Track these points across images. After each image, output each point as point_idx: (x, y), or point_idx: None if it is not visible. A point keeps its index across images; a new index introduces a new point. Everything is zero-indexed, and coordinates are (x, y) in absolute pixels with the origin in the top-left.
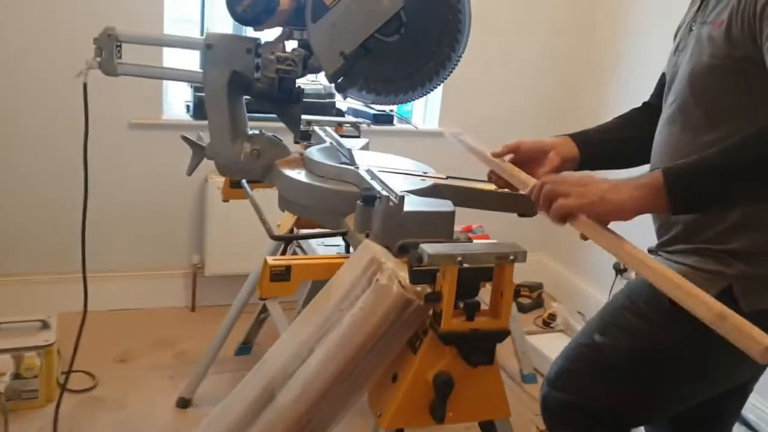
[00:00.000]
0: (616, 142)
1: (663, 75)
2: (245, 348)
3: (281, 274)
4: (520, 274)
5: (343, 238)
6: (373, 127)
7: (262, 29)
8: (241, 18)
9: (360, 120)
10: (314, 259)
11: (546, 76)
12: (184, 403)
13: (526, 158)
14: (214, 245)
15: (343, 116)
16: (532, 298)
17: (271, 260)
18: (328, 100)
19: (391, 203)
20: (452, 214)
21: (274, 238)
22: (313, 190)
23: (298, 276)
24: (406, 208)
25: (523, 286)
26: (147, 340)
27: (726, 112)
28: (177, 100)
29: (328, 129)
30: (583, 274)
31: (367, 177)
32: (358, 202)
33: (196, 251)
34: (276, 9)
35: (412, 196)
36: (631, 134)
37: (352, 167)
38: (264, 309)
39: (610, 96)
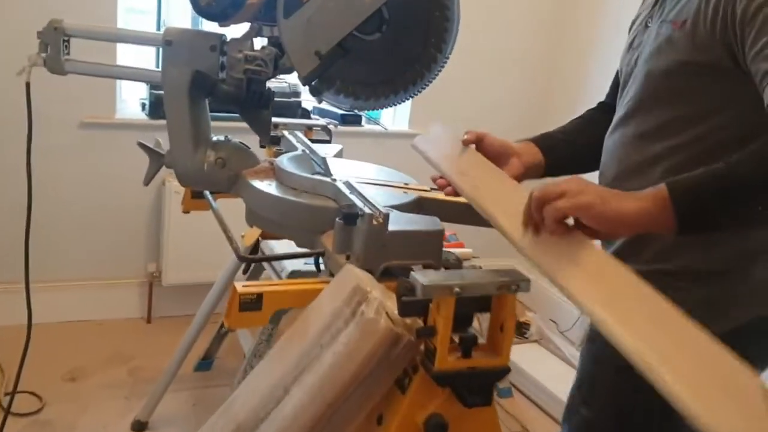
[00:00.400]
0: (580, 145)
1: (617, 73)
2: (206, 363)
3: (251, 303)
4: None
5: (317, 259)
6: (340, 128)
7: (227, 25)
8: (205, 12)
9: (328, 121)
10: (289, 284)
11: (522, 75)
12: (139, 426)
13: (488, 155)
14: (172, 253)
15: (309, 117)
16: None
17: (240, 287)
18: (293, 99)
19: (374, 222)
20: (441, 233)
21: (242, 259)
22: (286, 204)
23: (271, 305)
24: (391, 227)
25: None
26: (99, 355)
27: (683, 120)
28: (132, 97)
29: (299, 134)
30: None
31: (346, 190)
32: (338, 219)
33: (152, 259)
34: (244, 2)
35: (396, 212)
36: (594, 136)
37: (328, 179)
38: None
39: (588, 95)
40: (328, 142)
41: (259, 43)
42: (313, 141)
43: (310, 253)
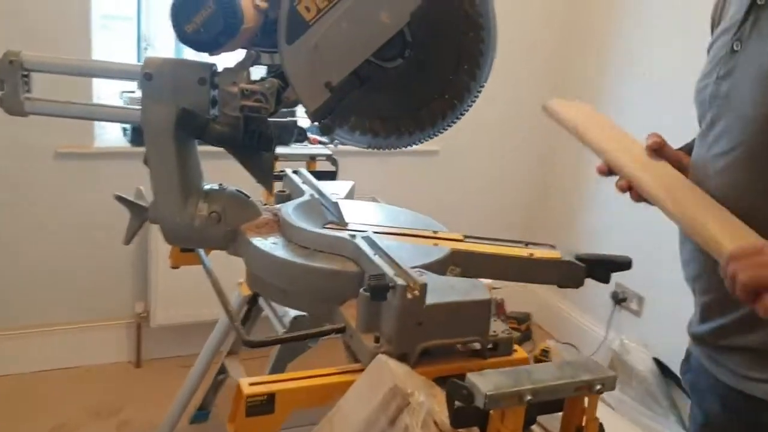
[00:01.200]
0: None
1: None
2: (202, 414)
3: (261, 406)
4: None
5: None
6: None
7: (219, 53)
8: (192, 41)
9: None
10: (308, 378)
11: (531, 78)
12: None
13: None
14: (160, 291)
15: (307, 138)
16: (520, 330)
17: (247, 386)
18: (289, 119)
19: (409, 295)
20: (488, 303)
21: (249, 344)
22: (296, 269)
23: (285, 406)
24: (430, 299)
25: (509, 318)
26: (85, 406)
27: None
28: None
29: (304, 172)
30: (576, 302)
31: (368, 249)
32: (363, 292)
33: (139, 298)
34: (239, 27)
35: (432, 276)
36: None
37: (346, 235)
38: (223, 369)
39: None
40: (335, 174)
41: (257, 72)
42: (317, 174)
43: (328, 330)
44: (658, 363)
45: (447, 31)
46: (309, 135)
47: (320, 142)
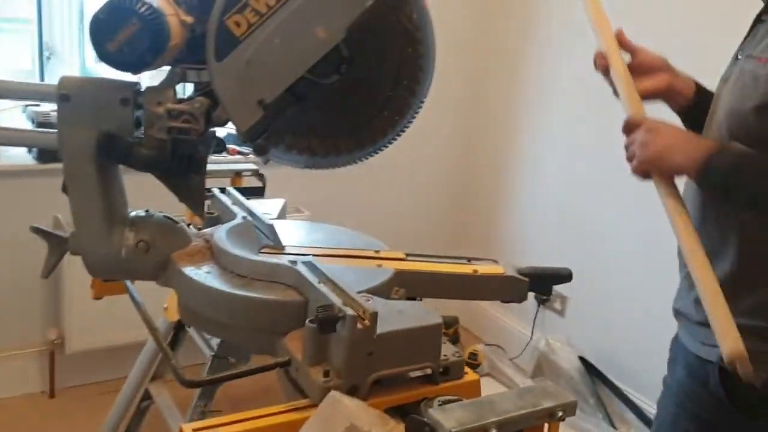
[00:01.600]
0: None
1: None
2: None
3: None
4: None
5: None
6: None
7: (143, 72)
8: (114, 60)
9: (248, 159)
10: (254, 419)
11: (450, 71)
12: None
13: (642, 67)
14: (75, 315)
15: (226, 149)
16: (448, 335)
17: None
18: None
19: (360, 326)
20: (439, 327)
21: (188, 384)
22: (233, 300)
23: None
24: (380, 328)
25: None
26: None
27: None
28: None
29: (233, 192)
30: (501, 304)
31: (312, 277)
32: (310, 323)
33: (52, 324)
34: (166, 45)
35: (380, 303)
36: None
37: (286, 262)
38: (147, 395)
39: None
40: (263, 190)
41: (184, 90)
42: (244, 191)
43: (271, 366)
44: (584, 361)
45: (385, 46)
46: (228, 146)
47: (239, 153)
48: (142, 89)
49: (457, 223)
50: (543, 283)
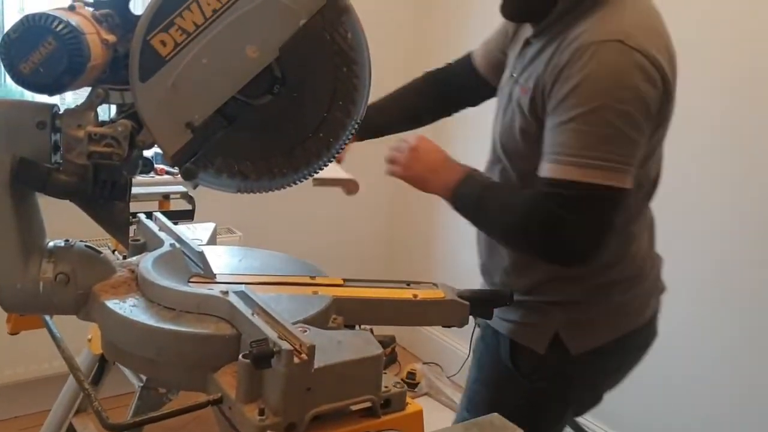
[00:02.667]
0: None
1: (468, 55)
2: None
3: None
4: None
5: (216, 408)
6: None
7: (60, 93)
8: (29, 83)
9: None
10: None
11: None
12: None
13: None
14: None
15: (153, 169)
16: (386, 354)
17: None
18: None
19: (296, 360)
20: (380, 358)
21: (110, 428)
22: (161, 336)
23: None
24: (318, 362)
25: None
26: None
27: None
28: None
29: (161, 217)
30: None
31: (244, 308)
32: (243, 359)
33: None
34: (86, 65)
35: (317, 333)
36: (412, 104)
37: (217, 293)
38: (71, 429)
39: None
40: (192, 213)
41: (109, 111)
42: (173, 215)
43: (203, 404)
44: None
45: (319, 66)
46: (155, 165)
47: (168, 173)
48: (61, 111)
49: (394, 243)
50: (484, 307)
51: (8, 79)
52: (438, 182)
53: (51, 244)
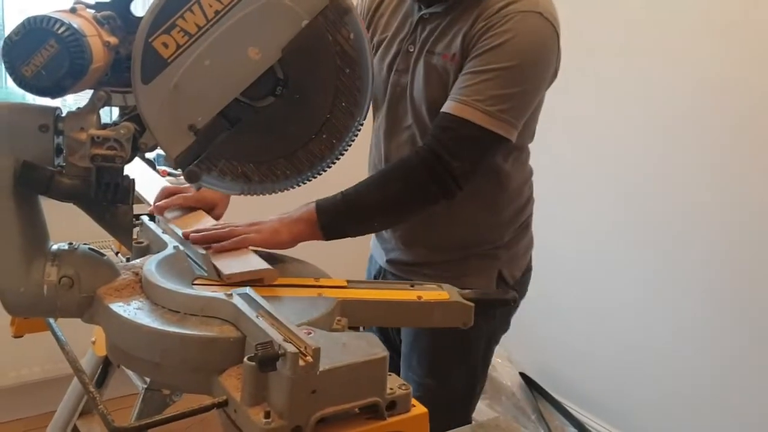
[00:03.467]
0: None
1: None
2: None
3: None
4: None
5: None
6: None
7: (62, 96)
8: (31, 86)
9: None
10: None
11: None
12: None
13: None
14: None
15: (156, 170)
16: None
17: None
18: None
19: (302, 363)
20: (385, 360)
21: (116, 431)
22: (166, 339)
23: None
24: (324, 364)
25: None
26: None
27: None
28: None
29: (164, 219)
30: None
31: (249, 311)
32: (248, 361)
33: None
34: (88, 68)
35: (322, 335)
36: None
37: (222, 296)
38: (76, 431)
39: None
40: None
41: (108, 114)
42: None
43: (208, 407)
44: (525, 378)
45: (322, 68)
46: (157, 167)
47: (170, 174)
48: (63, 114)
49: None
50: (488, 308)
51: (9, 82)
52: (293, 225)
53: (54, 247)
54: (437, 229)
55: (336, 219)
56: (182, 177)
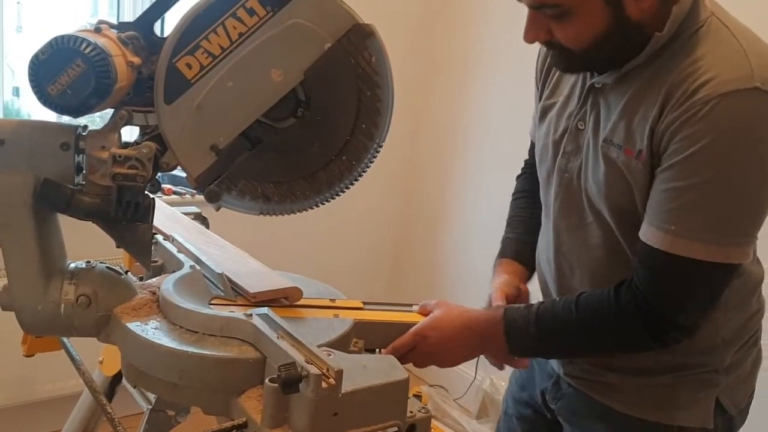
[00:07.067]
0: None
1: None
2: None
3: None
4: None
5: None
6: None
7: (86, 114)
8: (57, 105)
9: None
10: None
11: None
12: None
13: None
14: None
15: (161, 189)
16: None
17: None
18: None
19: (324, 385)
20: (406, 383)
21: None
22: (185, 359)
23: None
24: (346, 386)
25: None
26: None
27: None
28: None
29: (178, 237)
30: None
31: (269, 331)
32: (270, 383)
33: None
34: (113, 88)
35: (342, 357)
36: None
37: (242, 316)
38: None
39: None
40: None
41: (129, 133)
42: None
43: (226, 429)
44: None
45: (343, 90)
46: (163, 186)
47: (175, 193)
48: (84, 133)
49: (399, 262)
50: None
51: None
52: (480, 344)
53: (72, 265)
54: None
55: (525, 343)
56: (188, 196)
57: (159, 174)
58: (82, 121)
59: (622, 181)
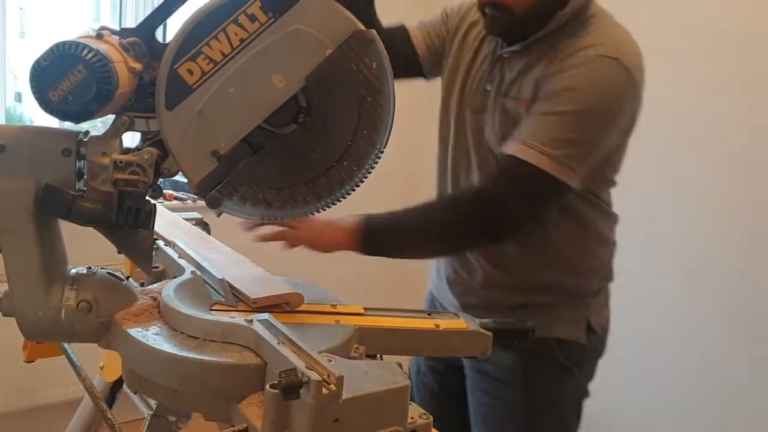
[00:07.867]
0: None
1: (403, 28)
2: None
3: None
4: None
5: None
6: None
7: (87, 121)
8: (58, 111)
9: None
10: None
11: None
12: None
13: None
14: None
15: (162, 194)
16: None
17: None
18: None
19: (325, 391)
20: (407, 389)
21: None
22: (186, 365)
23: None
24: (346, 392)
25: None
26: None
27: None
28: None
29: (179, 243)
30: None
31: (270, 337)
32: (271, 389)
33: None
34: (114, 93)
35: (343, 363)
36: None
37: (242, 321)
38: None
39: None
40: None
41: (130, 139)
42: None
43: None
44: None
45: (344, 96)
46: (164, 191)
47: (176, 198)
48: (86, 138)
49: (398, 269)
50: (507, 338)
51: (24, 101)
52: (338, 231)
53: (73, 271)
54: (529, 269)
55: (376, 236)
56: (190, 201)
57: (160, 179)
58: (83, 126)
59: (513, 126)
